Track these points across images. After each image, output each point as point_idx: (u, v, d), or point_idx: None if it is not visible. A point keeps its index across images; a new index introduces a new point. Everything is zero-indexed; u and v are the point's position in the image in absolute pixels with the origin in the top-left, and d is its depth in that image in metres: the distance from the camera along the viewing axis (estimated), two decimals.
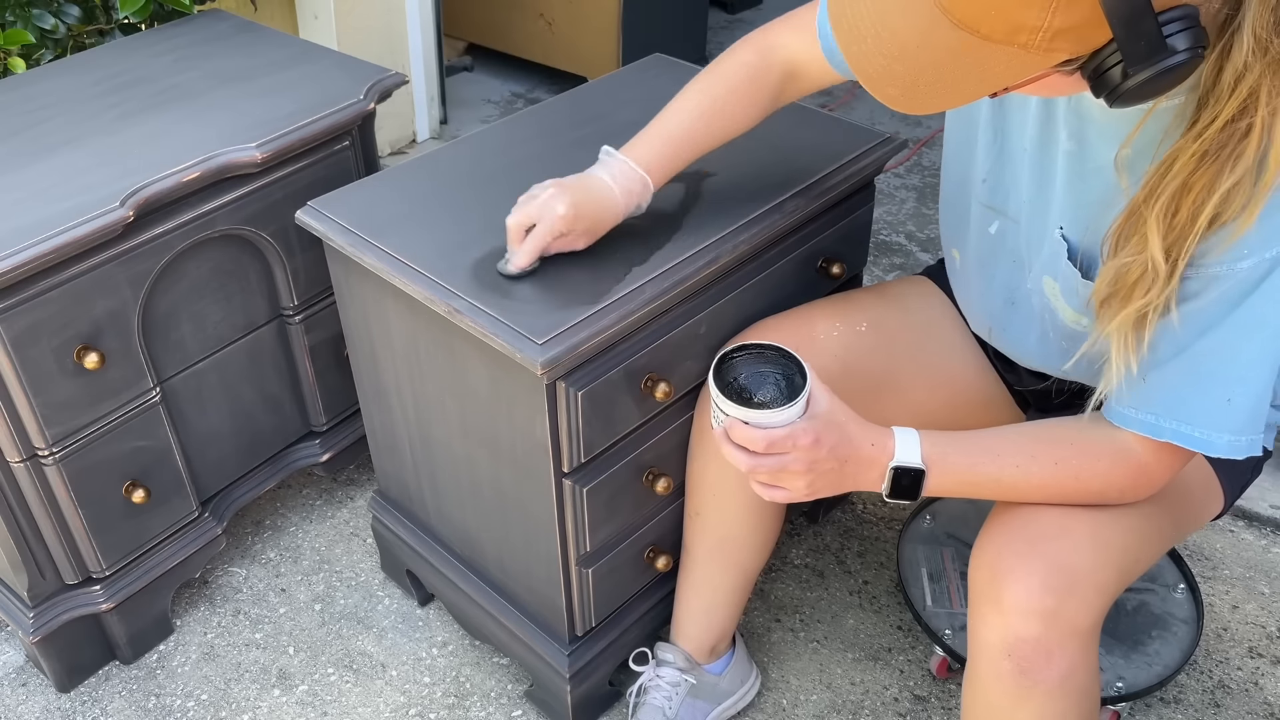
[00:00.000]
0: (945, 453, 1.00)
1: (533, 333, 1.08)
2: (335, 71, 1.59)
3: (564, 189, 1.14)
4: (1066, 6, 0.70)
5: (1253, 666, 1.54)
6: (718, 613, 1.40)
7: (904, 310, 1.30)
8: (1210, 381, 0.91)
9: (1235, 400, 0.91)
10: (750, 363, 0.98)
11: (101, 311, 1.32)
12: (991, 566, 1.01)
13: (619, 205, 1.16)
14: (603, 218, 1.16)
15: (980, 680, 1.04)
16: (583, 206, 1.14)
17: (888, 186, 2.68)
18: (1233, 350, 0.89)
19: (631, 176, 1.16)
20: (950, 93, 0.77)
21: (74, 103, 1.51)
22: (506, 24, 3.13)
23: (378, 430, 1.48)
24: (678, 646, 1.42)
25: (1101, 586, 0.99)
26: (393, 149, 2.77)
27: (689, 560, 1.38)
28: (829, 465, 0.97)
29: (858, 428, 0.99)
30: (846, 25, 0.77)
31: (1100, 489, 1.00)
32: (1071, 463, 0.99)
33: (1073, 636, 0.98)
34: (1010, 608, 0.98)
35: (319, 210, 1.29)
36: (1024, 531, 1.01)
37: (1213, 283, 0.87)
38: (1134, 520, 1.04)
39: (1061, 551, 0.99)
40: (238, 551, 1.75)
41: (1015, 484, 1.01)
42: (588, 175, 1.16)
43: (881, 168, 1.41)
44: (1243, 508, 1.77)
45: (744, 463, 0.97)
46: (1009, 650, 0.99)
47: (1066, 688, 1.00)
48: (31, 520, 1.39)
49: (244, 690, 1.54)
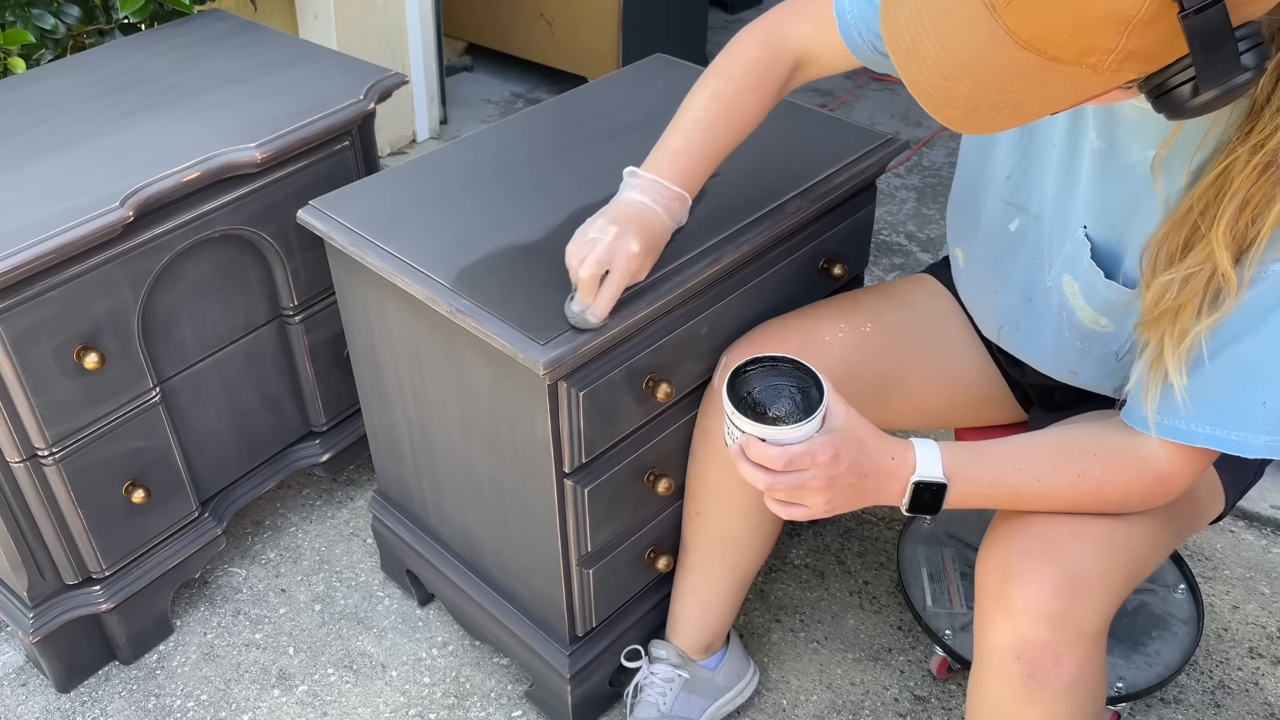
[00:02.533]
0: (967, 466, 0.98)
1: (535, 333, 1.08)
2: (335, 71, 1.59)
3: (626, 227, 1.09)
4: (1143, 29, 0.69)
5: (1253, 667, 1.54)
6: (713, 611, 1.40)
7: (908, 309, 1.30)
8: (1246, 385, 0.89)
9: (1270, 402, 0.89)
10: (764, 376, 0.95)
11: (101, 311, 1.32)
12: (1001, 570, 1.00)
13: (668, 229, 1.15)
14: (659, 246, 1.14)
15: (987, 683, 1.04)
16: (646, 240, 1.10)
17: (888, 187, 2.68)
18: (1268, 354, 0.87)
19: (671, 196, 1.14)
20: (1013, 113, 0.76)
21: (74, 103, 1.51)
22: (506, 24, 3.13)
23: (378, 430, 1.48)
24: (671, 643, 1.42)
25: (1110, 590, 0.99)
26: (393, 149, 2.77)
27: (687, 559, 1.39)
28: (848, 480, 0.95)
29: (877, 441, 0.96)
30: (904, 46, 0.76)
31: (1121, 499, 1.00)
32: (1094, 475, 0.98)
33: (1081, 640, 0.98)
34: (1020, 611, 0.98)
35: (321, 210, 1.29)
36: (1033, 535, 1.01)
37: (1248, 287, 0.86)
38: (1142, 524, 1.03)
39: (1071, 556, 0.98)
40: (238, 551, 1.75)
41: (1036, 497, 1.00)
42: (631, 203, 1.12)
43: (883, 168, 1.41)
44: (1243, 508, 1.77)
45: (762, 481, 0.94)
46: (1017, 653, 0.99)
47: (1074, 691, 1.00)
48: (31, 520, 1.39)
49: (244, 690, 1.54)
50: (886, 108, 3.04)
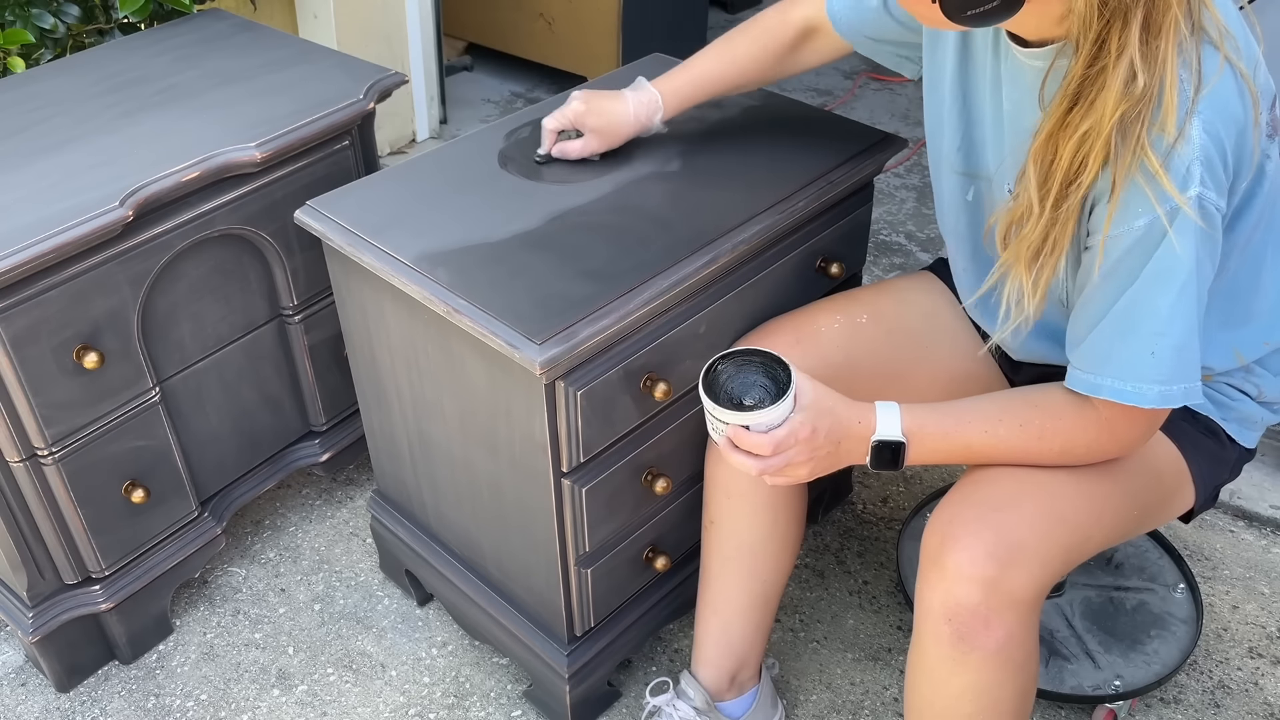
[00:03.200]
0: (923, 424, 1.05)
1: (531, 332, 1.08)
2: (335, 71, 1.59)
3: (584, 90, 1.35)
4: None
5: (1253, 666, 1.54)
6: (736, 631, 1.34)
7: (903, 302, 1.32)
8: (1133, 336, 0.95)
9: (1158, 352, 0.95)
10: (731, 371, 1.04)
11: (101, 311, 1.32)
12: (941, 534, 1.04)
13: (629, 115, 1.32)
14: (615, 121, 1.33)
15: (922, 644, 1.08)
16: (593, 103, 1.32)
17: (888, 186, 2.68)
18: (1148, 304, 0.93)
19: (646, 92, 1.32)
20: None
21: (74, 102, 1.51)
22: (506, 24, 3.13)
23: (376, 430, 1.48)
24: (698, 682, 1.35)
25: (1045, 560, 1.02)
26: (393, 149, 2.77)
27: (706, 576, 1.35)
28: (827, 449, 1.03)
29: (845, 408, 1.05)
30: None
31: (1064, 446, 1.04)
32: (1036, 423, 1.04)
33: (1012, 606, 1.01)
34: (953, 574, 1.01)
35: (318, 210, 1.29)
36: (976, 500, 1.05)
37: (1118, 243, 0.92)
38: (1090, 498, 1.06)
39: (1009, 522, 1.02)
40: (237, 551, 1.75)
41: (985, 447, 1.05)
42: (612, 91, 1.35)
43: (881, 167, 1.41)
44: (1243, 508, 1.77)
45: (753, 467, 1.02)
46: (949, 615, 1.02)
47: (1003, 657, 1.02)
48: (31, 520, 1.39)
49: (243, 690, 1.54)
50: (886, 107, 3.04)
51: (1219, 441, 1.16)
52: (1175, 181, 0.88)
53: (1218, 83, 0.89)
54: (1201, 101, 0.88)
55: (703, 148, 1.39)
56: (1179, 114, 0.87)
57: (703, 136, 1.42)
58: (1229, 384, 1.16)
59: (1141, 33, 0.84)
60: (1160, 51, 0.85)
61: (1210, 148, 0.88)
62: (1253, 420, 1.17)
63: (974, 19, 0.89)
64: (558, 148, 1.34)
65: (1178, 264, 0.91)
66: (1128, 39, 0.84)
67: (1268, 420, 1.18)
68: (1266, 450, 1.84)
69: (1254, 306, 1.10)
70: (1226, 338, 1.11)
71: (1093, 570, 1.56)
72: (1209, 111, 0.88)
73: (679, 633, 1.60)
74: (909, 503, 1.82)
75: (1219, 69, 0.88)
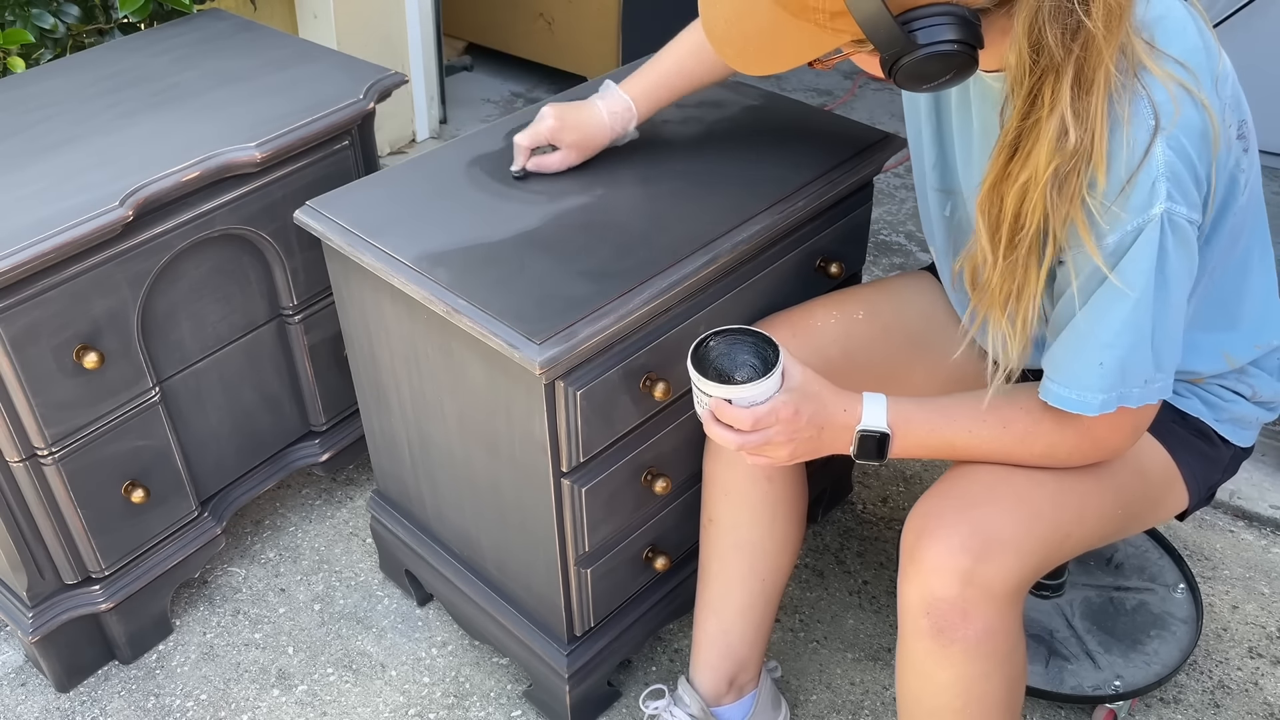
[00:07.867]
0: (909, 418, 1.06)
1: (531, 332, 1.08)
2: (335, 71, 1.59)
3: (555, 106, 1.32)
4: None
5: (1253, 666, 1.54)
6: (735, 631, 1.33)
7: (901, 300, 1.32)
8: (1083, 346, 0.97)
9: (1106, 364, 0.96)
10: (722, 346, 1.04)
11: (101, 311, 1.32)
12: (918, 528, 1.05)
13: (604, 125, 1.31)
14: (589, 134, 1.32)
15: (904, 640, 1.08)
16: (566, 117, 1.31)
17: (888, 186, 2.68)
18: (1102, 317, 0.95)
19: (618, 100, 1.32)
20: (771, 59, 0.88)
21: (74, 102, 1.51)
22: (506, 24, 3.13)
23: (376, 431, 1.48)
24: (695, 690, 1.34)
25: (1022, 554, 1.02)
26: (392, 149, 2.77)
27: (704, 576, 1.34)
28: (809, 433, 1.04)
29: (832, 395, 1.05)
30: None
31: (1045, 449, 1.05)
32: (1017, 425, 1.05)
33: (990, 599, 1.01)
34: (929, 567, 1.02)
35: (317, 210, 1.29)
36: (954, 495, 1.06)
37: (1089, 259, 0.93)
38: (1070, 495, 1.07)
39: (984, 516, 1.03)
40: (237, 551, 1.75)
41: (968, 445, 1.06)
42: (585, 102, 1.33)
43: (880, 167, 1.41)
44: (1243, 508, 1.77)
45: (732, 441, 1.03)
46: (927, 608, 1.03)
47: (984, 650, 1.03)
48: (31, 520, 1.39)
49: (243, 690, 1.54)
50: (886, 107, 3.04)
51: (1209, 442, 1.16)
52: (1139, 201, 0.89)
53: (1174, 107, 0.89)
54: (1163, 121, 0.88)
55: (703, 147, 1.39)
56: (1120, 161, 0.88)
57: (702, 136, 1.42)
58: (1222, 385, 1.16)
59: (1073, 88, 0.85)
60: (1091, 107, 0.86)
61: (1177, 163, 0.89)
62: (1247, 420, 1.17)
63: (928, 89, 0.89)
64: (534, 162, 1.33)
65: (1135, 279, 0.91)
66: (1060, 94, 0.85)
67: (1264, 419, 1.18)
68: (1266, 450, 1.84)
69: (1240, 311, 1.10)
70: (1214, 342, 1.11)
71: (1093, 570, 1.56)
72: (1171, 128, 0.89)
73: (679, 633, 1.60)
74: (909, 503, 1.82)
75: (1171, 97, 0.88)
